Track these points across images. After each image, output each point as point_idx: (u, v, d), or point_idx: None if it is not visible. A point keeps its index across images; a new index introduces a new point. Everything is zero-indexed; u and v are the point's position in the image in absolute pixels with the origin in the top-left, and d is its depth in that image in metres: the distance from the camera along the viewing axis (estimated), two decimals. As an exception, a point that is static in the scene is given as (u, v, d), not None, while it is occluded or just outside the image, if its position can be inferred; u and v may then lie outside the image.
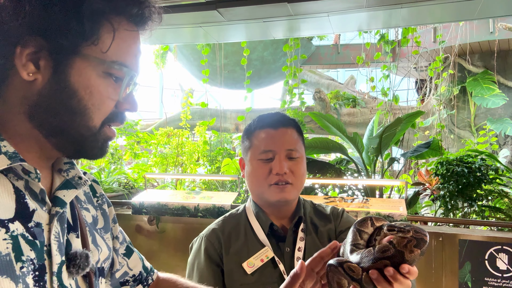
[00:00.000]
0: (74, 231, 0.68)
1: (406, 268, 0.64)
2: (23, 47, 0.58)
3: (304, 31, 3.62)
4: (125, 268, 0.88)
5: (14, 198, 0.58)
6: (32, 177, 0.60)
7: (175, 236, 3.36)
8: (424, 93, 8.23)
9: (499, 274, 2.49)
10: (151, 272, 0.94)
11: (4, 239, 0.54)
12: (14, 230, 0.55)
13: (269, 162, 1.11)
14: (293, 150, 1.12)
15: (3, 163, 0.57)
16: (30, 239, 0.57)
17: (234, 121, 9.05)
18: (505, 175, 3.42)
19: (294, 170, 1.11)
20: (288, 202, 1.13)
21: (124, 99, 0.68)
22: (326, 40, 10.41)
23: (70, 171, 0.71)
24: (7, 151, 0.58)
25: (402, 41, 4.74)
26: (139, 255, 0.92)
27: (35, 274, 0.57)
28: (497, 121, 7.27)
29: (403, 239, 0.67)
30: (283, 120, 1.15)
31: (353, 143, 3.73)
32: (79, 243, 0.68)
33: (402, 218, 2.71)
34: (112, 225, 0.85)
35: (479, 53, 7.91)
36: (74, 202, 0.72)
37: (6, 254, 0.53)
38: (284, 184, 1.10)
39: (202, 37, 3.97)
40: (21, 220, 0.57)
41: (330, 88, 10.93)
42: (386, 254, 0.66)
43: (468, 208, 3.24)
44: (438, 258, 2.69)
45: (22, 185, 0.60)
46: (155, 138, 4.94)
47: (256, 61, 8.64)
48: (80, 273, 0.64)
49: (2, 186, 0.57)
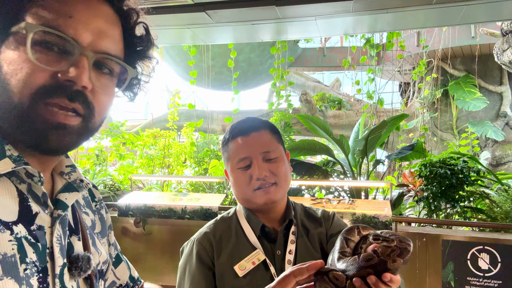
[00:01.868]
0: (76, 234, 0.68)
1: (388, 276, 0.67)
2: None
3: (291, 34, 3.65)
4: (113, 277, 0.87)
5: (17, 201, 0.58)
6: (35, 180, 0.60)
7: (162, 238, 3.33)
8: (408, 96, 8.38)
9: (481, 273, 2.55)
10: (138, 282, 0.93)
11: (9, 240, 0.54)
12: (18, 233, 0.55)
13: (248, 168, 1.11)
14: (269, 152, 1.11)
15: (7, 166, 0.57)
16: (32, 242, 0.57)
17: (221, 122, 9.04)
18: (486, 176, 3.51)
19: (274, 171, 1.11)
20: (276, 202, 1.13)
21: (64, 67, 0.58)
22: (312, 42, 10.50)
23: (72, 174, 0.70)
24: (11, 154, 0.58)
25: (387, 45, 4.83)
26: (127, 265, 0.91)
27: (39, 276, 0.57)
28: (478, 124, 7.46)
29: (387, 248, 0.69)
30: (254, 125, 1.15)
31: (339, 145, 3.78)
32: (80, 245, 0.68)
33: (387, 219, 2.75)
34: (108, 231, 0.85)
35: (461, 57, 8.10)
36: (75, 205, 0.72)
37: (12, 255, 0.53)
38: (268, 186, 1.10)
39: (189, 38, 3.96)
40: (24, 223, 0.57)
41: (316, 90, 11.03)
42: (369, 262, 0.68)
43: (450, 209, 3.32)
44: (422, 258, 2.75)
45: (25, 188, 0.60)
46: (141, 140, 4.90)
47: (243, 62, 8.66)
48: (81, 276, 0.64)
49: (6, 189, 0.57)
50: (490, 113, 7.78)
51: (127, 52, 0.69)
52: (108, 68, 0.65)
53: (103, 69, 0.64)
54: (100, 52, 0.62)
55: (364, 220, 2.81)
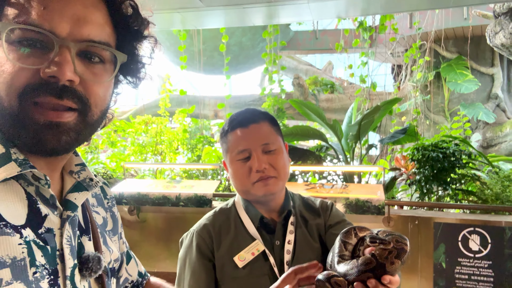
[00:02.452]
0: (86, 234, 0.67)
1: (387, 279, 0.69)
2: None
3: (283, 18, 3.60)
4: (126, 274, 0.88)
5: (26, 204, 0.57)
6: (42, 183, 0.59)
7: (157, 225, 3.34)
8: (401, 79, 8.38)
9: (472, 254, 2.61)
10: (145, 277, 0.94)
11: (19, 244, 0.53)
12: (27, 236, 0.55)
13: (247, 160, 1.11)
14: (268, 144, 1.11)
15: (13, 170, 0.55)
16: (41, 245, 0.56)
17: (213, 108, 8.98)
18: (477, 159, 3.55)
19: (273, 163, 1.11)
20: (275, 194, 1.13)
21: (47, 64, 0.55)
22: (304, 25, 10.38)
23: (81, 173, 0.69)
24: (17, 158, 0.57)
25: (380, 28, 4.79)
26: (135, 261, 0.92)
27: (50, 278, 0.56)
28: (470, 106, 7.50)
29: (384, 251, 0.71)
30: (253, 116, 1.15)
31: (333, 130, 3.78)
32: (91, 246, 0.67)
33: (380, 203, 2.78)
34: (120, 229, 0.85)
35: (453, 39, 8.08)
36: (85, 204, 0.71)
37: (21, 259, 0.53)
38: (267, 178, 1.10)
39: (179, 23, 3.89)
40: (32, 226, 0.56)
41: (308, 73, 10.97)
42: (368, 266, 0.70)
43: (442, 191, 3.37)
44: (414, 241, 2.79)
45: (33, 191, 0.59)
46: (132, 127, 4.84)
47: (235, 46, 8.55)
48: (92, 276, 0.63)
49: (14, 192, 0.56)
50: (481, 95, 7.82)
51: (120, 35, 0.65)
52: (98, 56, 0.60)
53: (92, 58, 0.60)
54: (82, 41, 0.57)
55: (358, 204, 2.84)
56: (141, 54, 0.70)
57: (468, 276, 2.61)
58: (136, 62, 0.70)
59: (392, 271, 0.70)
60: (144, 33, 0.69)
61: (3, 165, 0.55)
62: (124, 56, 0.64)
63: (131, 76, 0.71)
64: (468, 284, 2.60)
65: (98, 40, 0.59)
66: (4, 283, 0.50)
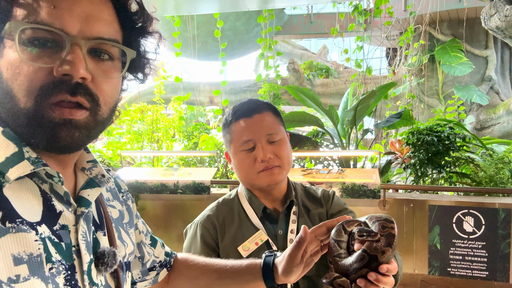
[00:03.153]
0: (101, 229, 0.68)
1: (384, 268, 0.72)
2: None
3: (278, 2, 3.57)
4: (153, 257, 0.91)
5: (41, 201, 0.58)
6: (55, 180, 0.60)
7: (155, 213, 3.37)
8: (395, 63, 8.36)
9: (466, 236, 2.67)
10: (172, 255, 0.98)
11: (35, 240, 0.54)
12: (42, 233, 0.56)
13: (252, 151, 1.12)
14: (272, 134, 1.12)
15: (26, 168, 0.56)
16: (56, 242, 0.58)
17: (208, 94, 8.93)
18: (471, 142, 3.60)
19: (278, 153, 1.12)
20: (278, 183, 1.15)
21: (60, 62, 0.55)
22: (299, 9, 10.28)
23: (93, 169, 0.69)
24: (29, 156, 0.58)
25: (375, 11, 4.75)
26: (160, 242, 0.95)
27: (67, 273, 0.58)
28: (464, 89, 7.53)
29: (372, 243, 0.74)
30: (257, 107, 1.16)
31: (329, 115, 3.80)
32: (106, 241, 0.68)
33: (375, 187, 2.82)
34: (136, 220, 0.86)
35: (448, 21, 8.05)
36: (99, 200, 0.72)
37: (38, 255, 0.54)
38: (271, 168, 1.12)
39: (172, 9, 3.84)
40: (47, 223, 0.58)
41: (303, 58, 10.91)
42: (363, 262, 0.73)
43: (437, 175, 3.42)
44: (409, 223, 2.85)
45: (48, 188, 0.60)
46: (128, 115, 4.82)
47: (229, 31, 8.46)
48: (108, 271, 0.64)
49: (29, 190, 0.58)
50: (475, 77, 7.84)
51: (126, 32, 0.65)
52: (107, 53, 0.61)
53: (101, 56, 0.60)
54: (93, 38, 0.58)
55: (354, 188, 2.88)
56: (147, 50, 0.71)
57: (462, 257, 2.67)
58: (142, 58, 0.70)
59: (385, 260, 0.73)
60: (149, 29, 0.69)
61: (17, 164, 0.56)
62: (133, 52, 0.64)
63: (137, 72, 0.72)
64: (462, 264, 2.67)
65: (107, 37, 0.60)
66: (21, 279, 0.52)
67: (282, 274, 0.81)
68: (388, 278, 0.72)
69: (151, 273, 0.91)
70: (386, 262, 0.72)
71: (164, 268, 0.94)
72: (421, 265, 2.80)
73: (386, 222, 0.77)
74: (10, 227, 0.53)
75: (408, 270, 2.82)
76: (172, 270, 0.96)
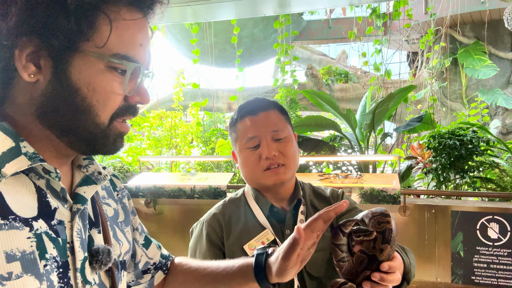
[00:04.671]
0: (96, 227, 0.69)
1: (386, 266, 0.70)
2: (21, 49, 0.57)
3: (295, 7, 3.56)
4: (145, 258, 0.90)
5: (36, 197, 0.59)
6: (52, 176, 0.60)
7: (173, 217, 3.39)
8: (416, 66, 8.21)
9: (490, 243, 2.56)
10: (170, 258, 0.97)
11: (28, 237, 0.55)
12: (38, 228, 0.56)
13: (257, 148, 1.11)
14: (277, 131, 1.12)
15: (23, 164, 0.57)
16: (53, 237, 0.58)
17: (227, 101, 8.99)
18: (496, 146, 3.48)
19: (283, 151, 1.11)
20: (284, 183, 1.13)
21: (134, 91, 0.65)
22: (317, 14, 10.25)
23: (89, 167, 0.71)
24: (27, 151, 0.58)
25: (394, 14, 4.69)
26: (156, 244, 0.94)
27: (59, 271, 0.58)
28: (488, 92, 7.30)
29: (369, 242, 0.72)
30: (262, 104, 1.15)
31: (346, 119, 3.75)
32: (101, 238, 0.68)
33: (395, 192, 2.75)
34: (132, 217, 0.86)
35: (470, 23, 7.85)
36: (95, 198, 0.73)
37: (31, 252, 0.54)
38: (277, 167, 1.10)
39: (190, 16, 3.90)
40: (44, 218, 0.58)
41: (322, 63, 10.85)
42: (364, 264, 0.72)
43: (460, 179, 3.31)
44: (431, 230, 2.76)
45: (44, 184, 0.61)
46: (147, 121, 4.91)
47: (247, 38, 8.51)
48: (102, 269, 0.65)
49: (24, 186, 0.58)
50: (500, 80, 7.60)
51: None
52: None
53: None
54: (149, 69, 0.68)
55: (373, 194, 2.82)
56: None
57: (487, 264, 2.57)
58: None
59: (385, 257, 0.70)
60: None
61: (13, 159, 0.57)
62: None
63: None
64: (487, 273, 2.57)
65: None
66: (14, 276, 0.52)
67: (276, 275, 0.75)
68: (394, 275, 0.70)
69: (145, 276, 0.90)
70: (387, 260, 0.70)
71: (160, 271, 0.92)
72: (444, 273, 2.71)
73: (382, 216, 0.74)
74: (3, 223, 0.53)
75: (430, 278, 2.73)
76: (169, 275, 0.94)
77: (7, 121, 0.60)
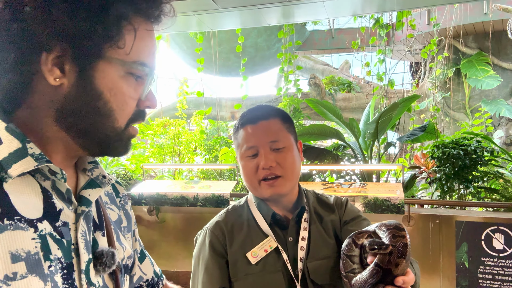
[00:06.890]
0: (100, 230, 0.69)
1: (400, 280, 0.70)
2: (48, 53, 0.58)
3: (298, 17, 3.59)
4: (139, 272, 0.89)
5: (41, 198, 0.59)
6: (58, 177, 0.61)
7: (175, 225, 3.38)
8: (419, 76, 8.23)
9: (495, 253, 2.54)
10: (161, 277, 0.95)
11: (33, 238, 0.55)
12: (43, 230, 0.57)
13: (255, 157, 1.11)
14: (276, 141, 1.09)
15: (29, 164, 0.57)
16: (57, 238, 0.58)
17: (230, 109, 9.02)
18: (500, 156, 3.46)
19: (280, 162, 1.09)
20: (282, 195, 1.12)
21: (144, 97, 0.68)
22: (320, 24, 10.33)
23: (94, 170, 0.72)
24: (33, 152, 0.59)
25: (397, 24, 4.72)
26: (150, 260, 0.93)
27: (63, 273, 0.58)
28: (492, 103, 7.30)
29: (385, 256, 0.71)
30: (263, 113, 1.14)
31: (350, 129, 3.75)
32: (105, 241, 0.69)
33: (399, 202, 2.74)
34: (134, 226, 0.87)
35: (473, 34, 7.89)
36: (99, 201, 0.73)
37: (35, 253, 0.55)
38: (274, 178, 1.09)
39: (195, 25, 3.93)
40: (49, 219, 0.58)
41: (325, 73, 10.90)
42: (377, 277, 0.71)
43: (464, 190, 3.29)
44: (435, 240, 2.74)
45: (49, 185, 0.61)
46: (151, 129, 4.92)
47: (251, 47, 8.57)
48: (106, 271, 0.65)
49: (30, 187, 0.59)
50: (503, 91, 7.61)
51: None
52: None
53: None
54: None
55: (376, 203, 2.80)
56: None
57: (492, 276, 2.54)
58: None
59: (400, 272, 0.70)
60: None
61: (20, 160, 0.57)
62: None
63: None
64: (492, 284, 2.54)
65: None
66: (19, 276, 0.52)
67: None
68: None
69: None
70: (402, 274, 0.69)
71: None
72: (449, 284, 2.68)
73: (397, 230, 0.74)
74: (8, 224, 0.53)
75: (434, 289, 2.70)
76: None
77: (14, 122, 0.60)
